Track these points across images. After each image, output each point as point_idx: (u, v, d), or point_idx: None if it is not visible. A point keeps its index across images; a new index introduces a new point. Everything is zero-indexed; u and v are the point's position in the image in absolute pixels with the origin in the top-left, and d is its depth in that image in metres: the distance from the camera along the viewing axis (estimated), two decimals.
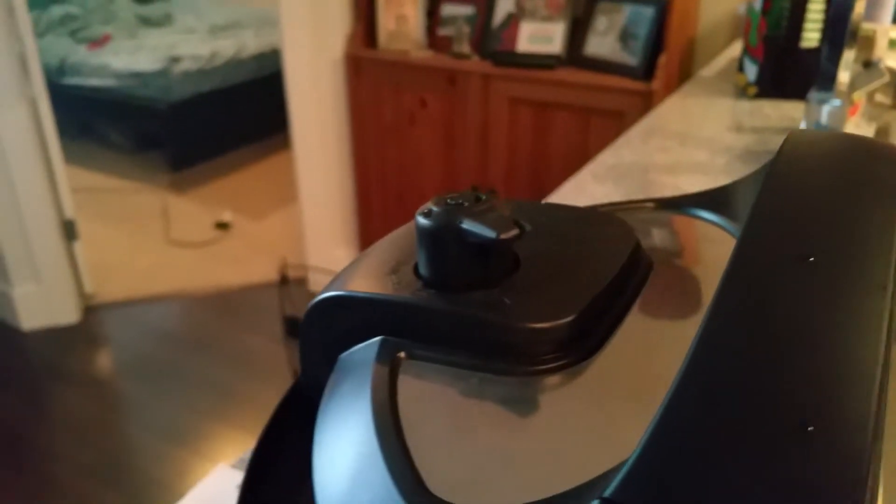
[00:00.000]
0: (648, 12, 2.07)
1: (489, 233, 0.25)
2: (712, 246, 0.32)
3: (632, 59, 2.08)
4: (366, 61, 2.34)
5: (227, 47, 3.48)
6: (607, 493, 0.16)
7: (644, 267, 0.29)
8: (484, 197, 0.27)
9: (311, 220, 2.52)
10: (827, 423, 0.15)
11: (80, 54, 3.46)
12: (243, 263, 2.78)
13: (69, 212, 2.36)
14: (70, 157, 2.76)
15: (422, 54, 2.28)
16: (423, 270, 0.27)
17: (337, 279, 0.29)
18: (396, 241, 0.31)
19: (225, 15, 3.85)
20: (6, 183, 2.18)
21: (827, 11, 1.39)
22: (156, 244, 2.90)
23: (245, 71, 3.54)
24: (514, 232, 0.25)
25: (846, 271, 0.18)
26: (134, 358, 2.27)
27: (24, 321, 2.34)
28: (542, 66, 2.16)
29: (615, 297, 0.27)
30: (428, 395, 0.24)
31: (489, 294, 0.26)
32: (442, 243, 0.26)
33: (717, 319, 0.18)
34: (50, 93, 2.26)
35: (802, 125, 1.11)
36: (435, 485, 0.20)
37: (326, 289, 0.29)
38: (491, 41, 2.26)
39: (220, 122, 3.52)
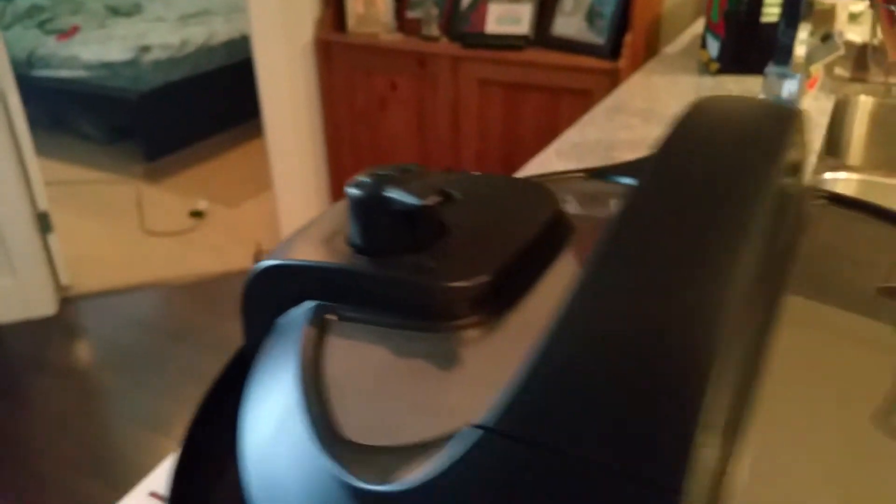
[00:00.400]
0: None
1: (412, 200, 0.27)
2: None
3: (598, 38, 2.10)
4: (336, 45, 2.34)
5: (197, 35, 3.46)
6: (486, 421, 0.18)
7: (564, 231, 0.31)
8: (411, 168, 0.29)
9: (286, 206, 2.53)
10: (676, 360, 0.17)
11: (49, 46, 3.43)
12: (219, 251, 2.79)
13: (43, 204, 2.35)
14: (43, 149, 2.75)
15: (391, 37, 2.29)
16: (354, 238, 0.29)
17: (277, 249, 0.31)
18: (333, 213, 0.32)
19: (195, 3, 3.82)
20: None
21: None
22: (131, 234, 2.89)
23: (216, 58, 3.52)
24: (436, 199, 0.27)
25: (714, 219, 0.20)
26: (113, 348, 2.28)
27: (0, 315, 2.34)
28: (511, 47, 2.18)
29: (533, 259, 0.29)
30: (352, 352, 0.26)
31: (414, 258, 0.28)
32: (369, 211, 0.28)
33: (593, 267, 0.20)
34: (19, 85, 2.24)
35: (760, 97, 1.13)
36: (348, 430, 0.22)
37: (266, 258, 0.31)
38: (459, 23, 2.27)
39: (192, 111, 3.51)
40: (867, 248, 0.32)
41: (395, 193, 0.27)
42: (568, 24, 2.17)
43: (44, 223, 2.37)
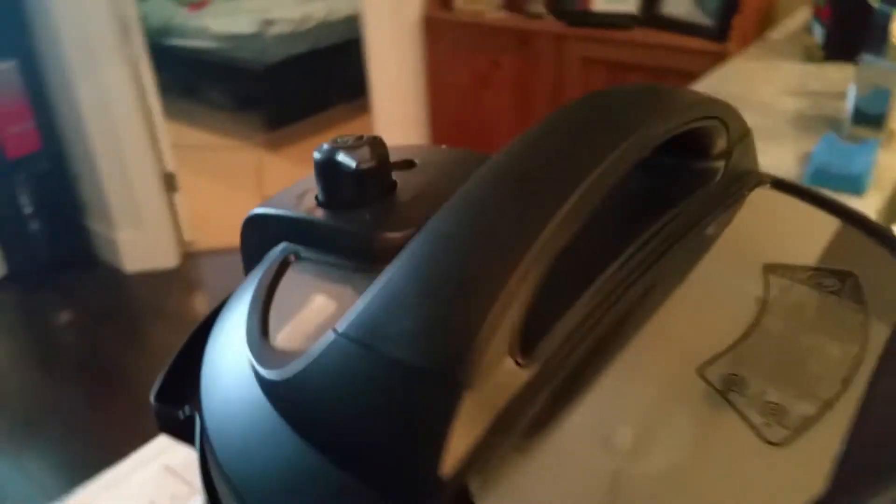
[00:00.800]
0: None
1: (350, 162, 0.32)
2: None
3: (707, 20, 2.07)
4: (442, 23, 2.40)
5: (317, 10, 3.60)
6: (339, 328, 0.24)
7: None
8: (364, 137, 0.34)
9: None
10: (469, 289, 0.22)
11: (182, 16, 3.66)
12: None
13: (170, 165, 2.54)
14: (174, 114, 2.95)
15: (496, 15, 2.33)
16: (319, 194, 0.35)
17: (266, 201, 0.38)
18: (313, 176, 0.39)
19: None
20: (111, 137, 2.38)
21: None
22: (250, 198, 3.07)
23: (335, 33, 3.65)
24: (370, 164, 0.33)
25: (545, 181, 0.25)
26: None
27: (126, 264, 2.55)
28: (617, 25, 2.17)
29: None
30: (300, 283, 0.32)
31: (360, 212, 0.34)
32: (325, 171, 0.34)
33: (437, 220, 0.25)
34: (155, 53, 2.42)
35: (852, 88, 1.11)
36: (274, 336, 0.29)
37: (256, 208, 0.38)
38: (566, 1, 2.28)
39: (311, 84, 3.66)
40: (790, 231, 0.35)
41: (341, 157, 0.33)
42: (677, 3, 2.15)
43: (170, 182, 2.56)
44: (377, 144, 0.34)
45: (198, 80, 3.84)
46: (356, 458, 0.22)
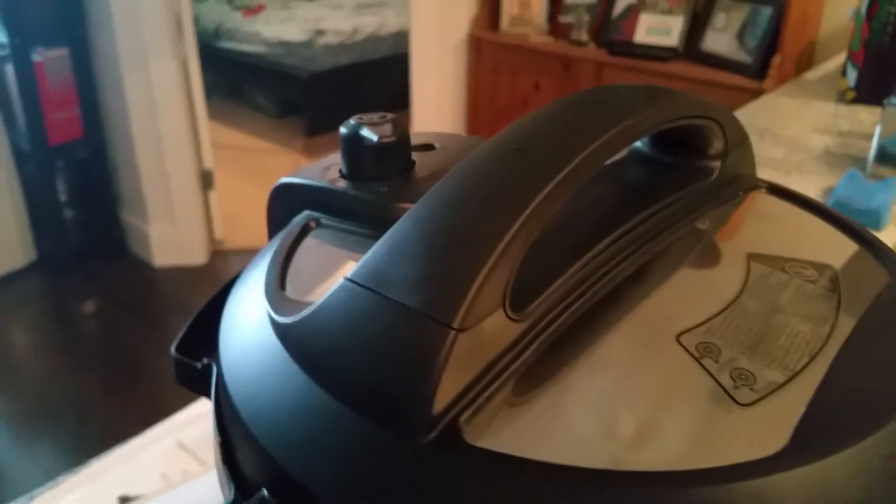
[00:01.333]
0: (767, 12, 2.06)
1: (373, 136, 0.35)
2: None
3: (747, 58, 2.08)
4: (487, 43, 2.44)
5: (368, 24, 3.67)
6: (349, 275, 0.26)
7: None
8: (387, 116, 0.37)
9: None
10: (467, 244, 0.24)
11: (236, 20, 3.75)
12: None
13: (208, 163, 2.60)
14: (218, 114, 3.02)
15: (540, 39, 2.36)
16: (343, 167, 0.38)
17: (294, 172, 0.40)
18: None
19: None
20: (152, 130, 2.44)
21: None
22: None
23: (383, 47, 3.71)
24: (390, 139, 0.35)
25: (542, 153, 0.27)
26: None
27: (156, 258, 2.60)
28: (658, 57, 2.19)
29: None
30: (318, 247, 0.35)
31: (378, 184, 0.36)
32: (349, 144, 0.36)
33: (442, 183, 0.27)
34: (206, 54, 2.48)
35: (877, 131, 1.12)
36: (289, 289, 0.31)
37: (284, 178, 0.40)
38: (609, 30, 2.31)
39: (355, 94, 3.72)
40: (778, 229, 0.36)
41: (364, 131, 0.35)
42: (718, 39, 2.16)
43: (206, 180, 2.61)
44: (399, 123, 0.36)
45: (244, 83, 3.92)
46: (356, 394, 0.24)
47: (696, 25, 2.20)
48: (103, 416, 1.95)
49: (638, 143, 0.38)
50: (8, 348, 2.24)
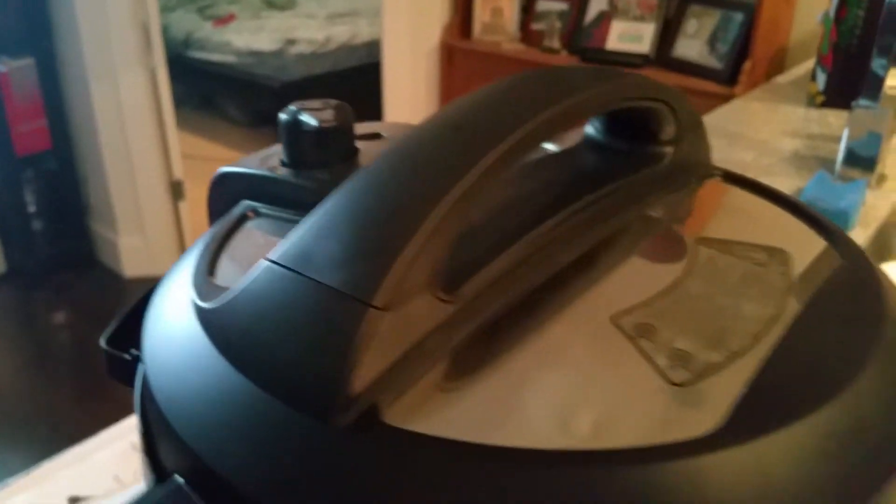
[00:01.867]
0: (738, 17, 2.07)
1: (312, 121, 0.33)
2: None
3: (717, 64, 2.10)
4: (459, 51, 2.44)
5: (341, 33, 3.65)
6: (270, 256, 0.25)
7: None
8: (329, 102, 0.35)
9: None
10: (392, 221, 0.23)
11: (206, 30, 3.72)
12: None
13: (178, 173, 2.57)
14: (189, 125, 2.99)
15: (513, 47, 2.36)
16: (283, 155, 0.36)
17: (234, 163, 0.39)
18: None
19: (345, 3, 4.03)
20: (121, 141, 2.40)
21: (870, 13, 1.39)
22: None
23: (356, 57, 3.70)
24: (331, 124, 0.33)
25: (477, 130, 0.26)
26: None
27: (126, 268, 2.56)
28: (630, 64, 2.20)
29: None
30: (252, 235, 0.33)
31: (318, 172, 0.34)
32: (289, 131, 0.35)
33: (372, 162, 0.26)
34: (176, 64, 2.46)
35: (845, 134, 1.12)
36: (217, 276, 0.30)
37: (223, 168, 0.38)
38: (581, 37, 2.31)
39: None
40: (732, 216, 0.36)
41: (303, 116, 0.34)
42: (689, 46, 2.17)
43: (176, 190, 2.58)
44: (342, 109, 0.35)
45: (215, 93, 3.89)
46: (273, 377, 0.22)
47: (668, 32, 2.21)
48: (74, 427, 1.91)
49: (591, 130, 0.37)
50: None
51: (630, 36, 2.26)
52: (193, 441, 0.22)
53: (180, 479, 0.22)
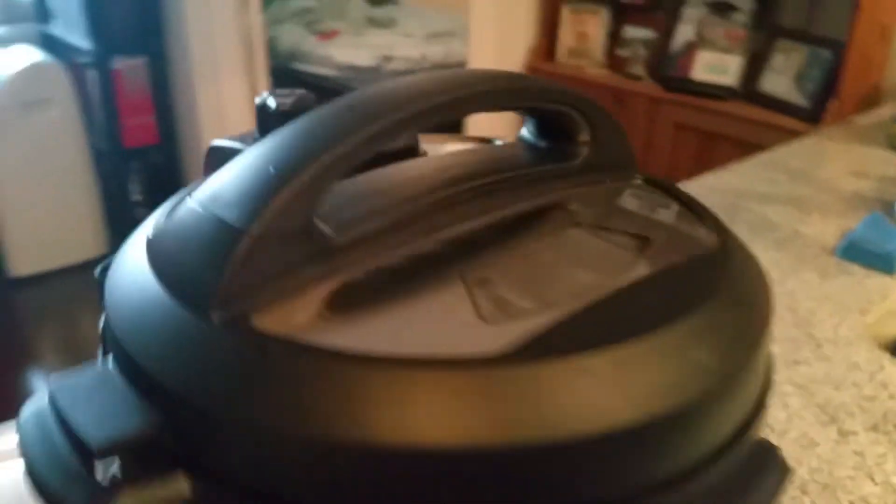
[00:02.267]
0: (825, 55, 2.04)
1: (273, 104, 0.39)
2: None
3: (804, 101, 2.07)
4: (543, 74, 2.48)
5: (436, 52, 3.76)
6: (190, 196, 0.31)
7: (416, 153, 0.42)
8: (297, 91, 0.41)
9: None
10: (286, 167, 0.29)
11: (310, 44, 3.89)
12: None
13: None
14: None
15: (597, 72, 2.39)
16: (255, 134, 0.42)
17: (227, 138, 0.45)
18: None
19: (444, 23, 4.14)
20: None
21: None
22: None
23: None
24: (289, 108, 0.39)
25: (367, 109, 0.31)
26: None
27: None
28: (714, 95, 2.19)
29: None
30: None
31: None
32: (258, 113, 0.41)
33: (283, 128, 0.31)
34: (280, 74, 2.59)
35: None
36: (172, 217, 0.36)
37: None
38: (666, 66, 2.32)
39: None
40: (630, 214, 0.39)
41: (269, 100, 0.40)
42: (776, 81, 2.15)
43: None
44: (305, 98, 0.41)
45: (314, 104, 4.05)
46: (177, 283, 0.28)
47: (755, 65, 2.20)
48: None
49: (524, 130, 0.42)
50: (76, 333, 2.36)
51: (716, 67, 2.25)
52: (119, 332, 0.28)
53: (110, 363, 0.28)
